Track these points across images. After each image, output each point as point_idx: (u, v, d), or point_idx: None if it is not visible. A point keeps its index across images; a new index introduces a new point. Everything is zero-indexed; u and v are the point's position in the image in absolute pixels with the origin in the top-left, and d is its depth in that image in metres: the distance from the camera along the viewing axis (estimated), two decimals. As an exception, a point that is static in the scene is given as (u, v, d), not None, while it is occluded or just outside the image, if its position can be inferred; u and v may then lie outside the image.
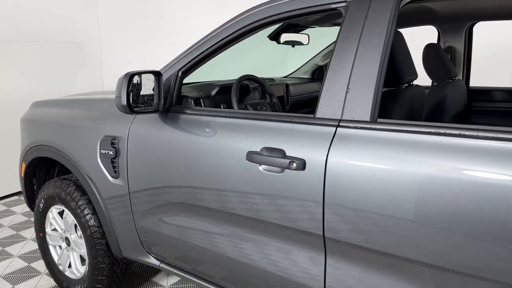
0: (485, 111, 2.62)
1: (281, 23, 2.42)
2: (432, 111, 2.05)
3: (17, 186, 4.26)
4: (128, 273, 2.88)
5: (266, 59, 4.19)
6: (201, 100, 2.11)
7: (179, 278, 2.85)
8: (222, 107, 2.23)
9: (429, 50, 2.19)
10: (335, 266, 1.47)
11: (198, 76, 2.59)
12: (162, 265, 2.14)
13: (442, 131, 1.22)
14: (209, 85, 2.31)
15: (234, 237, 1.74)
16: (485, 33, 4.15)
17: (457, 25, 2.51)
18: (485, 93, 2.61)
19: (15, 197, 4.45)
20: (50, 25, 4.48)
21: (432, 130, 1.24)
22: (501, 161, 1.10)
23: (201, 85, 2.36)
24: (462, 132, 1.19)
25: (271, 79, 2.95)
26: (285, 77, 3.38)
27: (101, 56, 5.01)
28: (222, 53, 1.91)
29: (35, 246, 3.30)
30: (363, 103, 1.39)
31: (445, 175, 1.18)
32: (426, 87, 2.27)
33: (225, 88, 2.26)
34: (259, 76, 3.01)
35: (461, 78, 2.63)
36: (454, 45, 2.56)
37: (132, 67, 2.08)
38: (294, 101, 2.94)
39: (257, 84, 2.41)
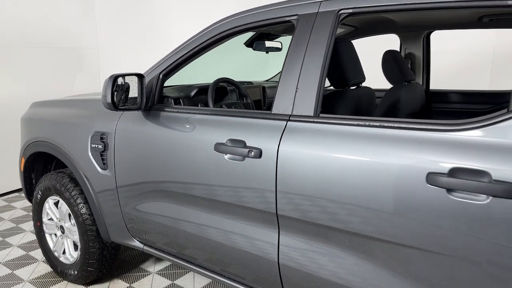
0: (444, 111, 2.87)
1: (255, 32, 2.68)
2: (387, 111, 2.30)
3: (18, 184, 4.52)
4: (118, 260, 3.12)
5: (251, 64, 4.45)
6: (181, 100, 2.37)
7: (165, 265, 3.09)
8: (200, 106, 2.48)
9: (387, 56, 2.44)
10: (288, 239, 1.71)
11: (193, 78, 2.86)
12: (145, 247, 2.39)
13: (366, 123, 1.48)
14: (189, 86, 2.57)
15: (206, 219, 1.99)
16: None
17: (415, 33, 2.76)
18: (444, 95, 2.86)
19: (16, 194, 4.71)
20: (51, 32, 4.75)
21: (360, 122, 1.50)
22: (408, 145, 1.36)
23: (182, 86, 2.62)
24: (382, 124, 1.44)
25: (250, 83, 3.21)
26: (266, 80, 3.64)
27: (99, 61, 5.28)
28: (214, 58, 2.16)
29: (33, 237, 3.55)
30: (308, 101, 1.64)
31: (367, 158, 1.43)
32: (383, 90, 2.53)
33: (203, 90, 2.52)
34: (242, 79, 3.27)
35: (420, 82, 2.88)
36: (413, 52, 2.82)
37: (128, 71, 2.33)
38: (271, 102, 3.19)
39: (234, 87, 2.67)
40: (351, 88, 2.06)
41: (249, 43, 2.72)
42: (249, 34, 2.88)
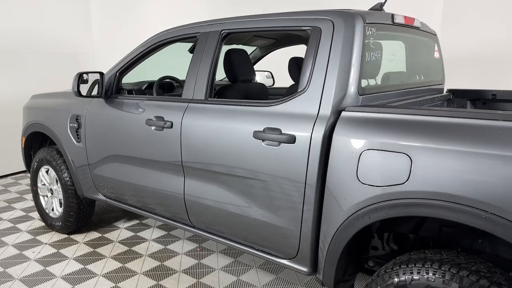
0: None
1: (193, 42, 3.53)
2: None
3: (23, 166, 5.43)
4: (96, 220, 4.00)
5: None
6: (133, 91, 3.24)
7: (133, 223, 3.95)
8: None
9: (291, 61, 3.25)
10: (189, 181, 2.56)
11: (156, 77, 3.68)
12: (107, 199, 3.26)
13: (226, 103, 2.32)
14: (142, 82, 3.45)
15: (142, 173, 2.84)
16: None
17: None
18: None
19: (22, 174, 5.64)
20: (53, 40, 5.70)
21: (223, 102, 2.34)
22: (245, 115, 2.20)
23: (138, 82, 3.49)
24: (235, 103, 2.28)
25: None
26: (221, 80, 4.48)
27: (94, 64, 6.21)
28: (175, 64, 2.99)
29: (33, 204, 4.44)
30: (201, 89, 2.49)
31: (224, 124, 2.27)
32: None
33: (152, 84, 3.38)
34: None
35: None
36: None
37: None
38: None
39: (179, 83, 3.53)
40: (242, 83, 2.89)
41: (191, 50, 3.57)
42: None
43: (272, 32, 3.11)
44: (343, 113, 1.88)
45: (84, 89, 2.98)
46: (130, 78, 3.37)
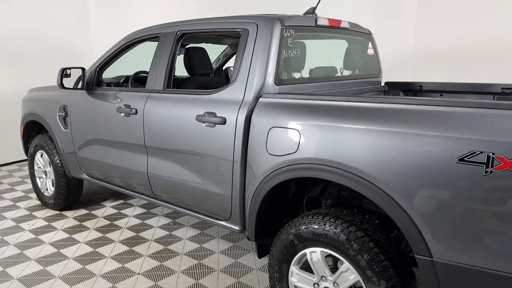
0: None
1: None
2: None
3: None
4: (87, 200, 4.51)
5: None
6: (111, 84, 3.72)
7: (118, 202, 4.44)
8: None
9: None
10: (151, 159, 3.03)
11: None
12: (90, 178, 3.75)
13: (177, 92, 2.78)
14: (120, 76, 3.93)
15: (114, 154, 3.32)
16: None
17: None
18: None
19: (25, 162, 6.19)
20: (54, 40, 6.23)
21: (175, 91, 2.80)
22: (189, 102, 2.66)
23: (116, 76, 3.97)
24: (185, 92, 2.74)
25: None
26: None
27: (93, 62, 6.71)
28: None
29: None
30: (160, 81, 2.94)
31: (173, 110, 2.73)
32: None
33: (128, 78, 3.86)
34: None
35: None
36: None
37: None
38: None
39: None
40: (200, 76, 3.34)
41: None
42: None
43: (217, 33, 3.57)
44: (260, 99, 2.32)
45: (68, 82, 3.47)
46: (116, 73, 3.88)
